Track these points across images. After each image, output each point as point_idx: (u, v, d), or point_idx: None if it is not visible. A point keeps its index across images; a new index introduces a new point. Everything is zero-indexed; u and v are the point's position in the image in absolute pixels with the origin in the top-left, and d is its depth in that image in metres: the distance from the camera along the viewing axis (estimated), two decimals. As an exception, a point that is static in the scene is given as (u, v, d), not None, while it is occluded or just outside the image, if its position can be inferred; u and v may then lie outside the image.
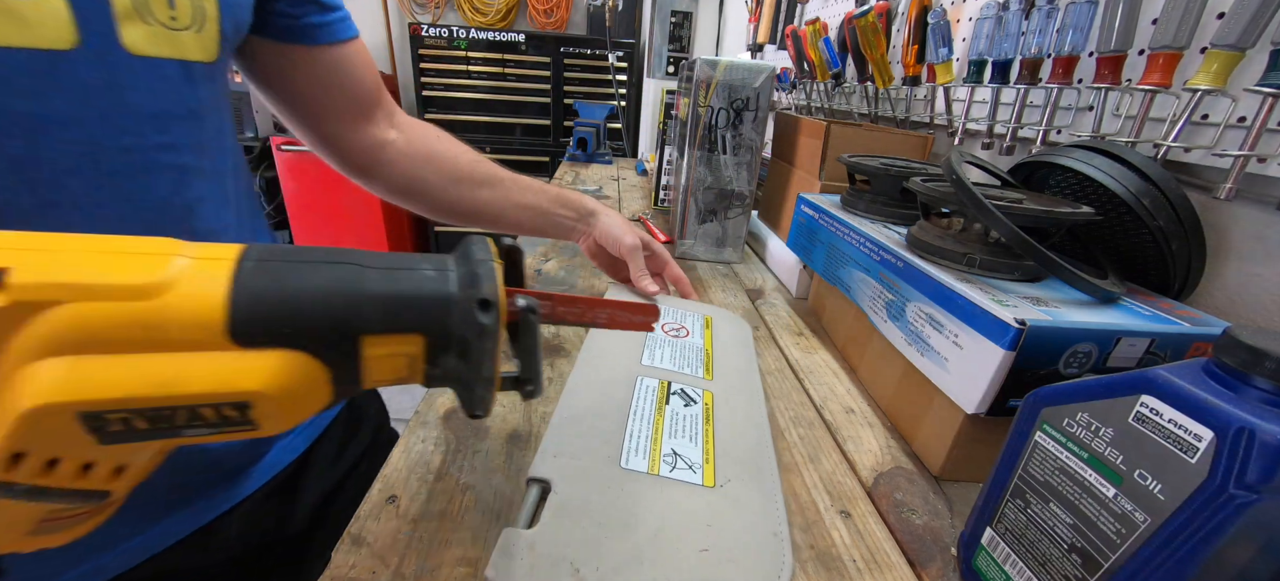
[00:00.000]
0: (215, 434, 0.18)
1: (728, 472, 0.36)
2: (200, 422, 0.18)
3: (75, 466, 0.17)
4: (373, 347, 0.20)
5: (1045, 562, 0.27)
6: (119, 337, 0.16)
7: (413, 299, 0.20)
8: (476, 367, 0.22)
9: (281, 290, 0.18)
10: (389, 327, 0.20)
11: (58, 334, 0.15)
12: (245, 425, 0.18)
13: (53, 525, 0.20)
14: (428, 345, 0.21)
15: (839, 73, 1.05)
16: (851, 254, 0.54)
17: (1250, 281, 0.45)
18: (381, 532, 0.31)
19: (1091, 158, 0.44)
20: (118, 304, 0.16)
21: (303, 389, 0.19)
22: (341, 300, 0.19)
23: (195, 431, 0.18)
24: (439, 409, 0.42)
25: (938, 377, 0.40)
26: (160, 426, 0.17)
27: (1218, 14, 0.44)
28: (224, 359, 0.17)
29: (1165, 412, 0.23)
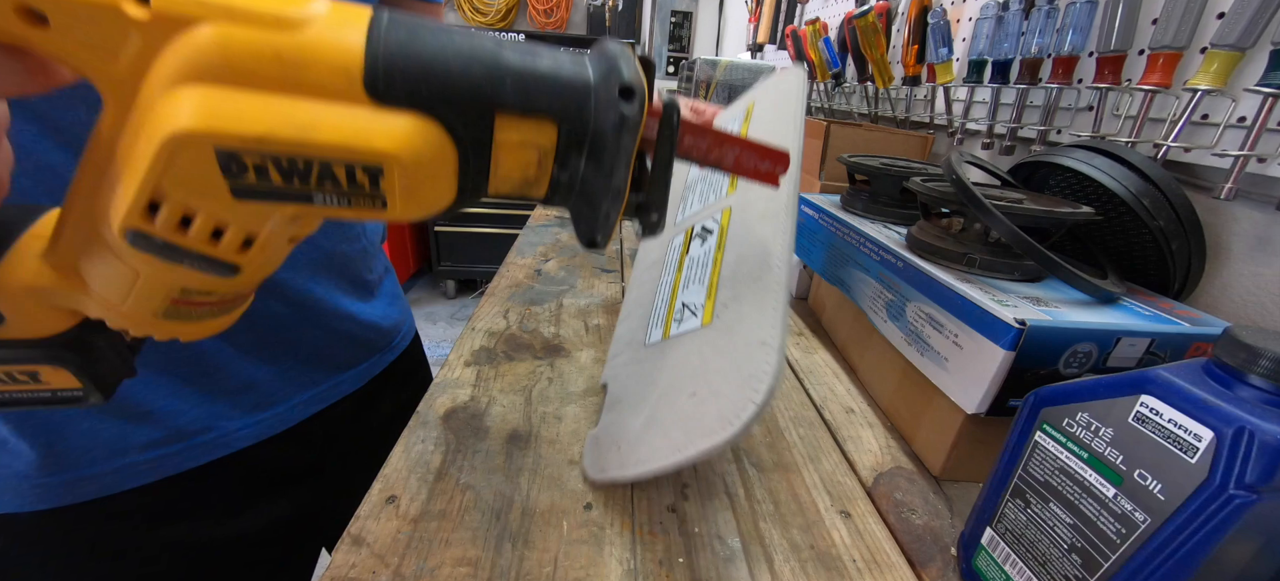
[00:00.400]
0: (345, 206, 0.18)
1: (726, 297, 0.34)
2: (332, 184, 0.17)
3: (207, 225, 0.17)
4: (505, 131, 0.19)
5: (1045, 562, 0.27)
6: (259, 71, 0.16)
7: (551, 79, 0.19)
8: (608, 173, 0.20)
9: (419, 48, 0.17)
10: (524, 107, 0.19)
11: (199, 58, 0.15)
12: (375, 199, 0.18)
13: (183, 310, 0.21)
14: (560, 138, 0.20)
15: (839, 73, 1.05)
16: (851, 254, 0.54)
17: (1250, 281, 0.45)
18: (381, 532, 0.31)
19: (1091, 158, 0.44)
20: (259, 32, 0.15)
21: (433, 165, 0.18)
22: (480, 67, 0.18)
23: (326, 198, 0.17)
24: (439, 409, 0.42)
25: (938, 378, 0.40)
26: (293, 184, 0.17)
27: (1218, 14, 0.44)
28: (359, 113, 0.17)
29: (1165, 412, 0.23)
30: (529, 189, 0.21)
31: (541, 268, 0.74)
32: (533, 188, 0.21)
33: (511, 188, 0.21)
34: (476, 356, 0.50)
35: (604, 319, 0.60)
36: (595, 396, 0.46)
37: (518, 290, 0.65)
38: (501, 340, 0.53)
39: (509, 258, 0.76)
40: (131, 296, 0.20)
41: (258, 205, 0.17)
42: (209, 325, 0.22)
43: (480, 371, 0.48)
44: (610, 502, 0.35)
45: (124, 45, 0.15)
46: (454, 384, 0.46)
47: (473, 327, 0.55)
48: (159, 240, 0.17)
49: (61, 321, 0.21)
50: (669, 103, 0.22)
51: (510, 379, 0.47)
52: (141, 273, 0.19)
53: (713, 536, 0.33)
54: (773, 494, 0.37)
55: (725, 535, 0.34)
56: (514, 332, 0.55)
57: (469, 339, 0.53)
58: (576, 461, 0.38)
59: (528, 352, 0.51)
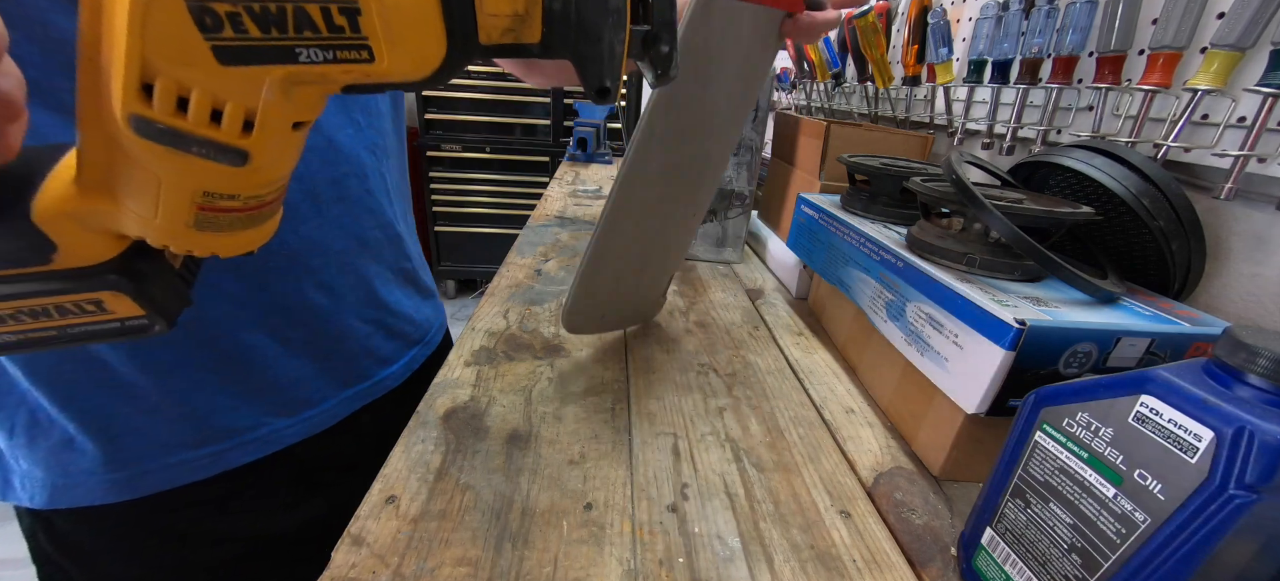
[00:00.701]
0: (332, 61, 0.17)
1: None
2: (312, 32, 0.16)
3: (203, 103, 0.17)
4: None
5: (1045, 562, 0.27)
6: None
7: None
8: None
9: None
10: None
11: None
12: (358, 47, 0.17)
13: (211, 218, 0.20)
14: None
15: (839, 73, 1.05)
16: (851, 254, 0.54)
17: (1250, 281, 0.45)
18: (381, 532, 0.31)
19: (1091, 158, 0.44)
20: None
21: (413, 5, 0.17)
22: None
23: (310, 52, 0.16)
24: (439, 409, 0.42)
25: (938, 377, 0.40)
26: (272, 35, 0.16)
27: (1218, 14, 0.44)
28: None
29: (1165, 412, 0.23)
30: (523, 28, 0.19)
31: (541, 267, 0.74)
32: (526, 25, 0.19)
33: (504, 28, 0.19)
34: (476, 356, 0.50)
35: (604, 319, 0.60)
36: (595, 396, 0.46)
37: (518, 290, 0.65)
38: (501, 340, 0.53)
39: (509, 257, 0.76)
40: (160, 206, 0.19)
41: (245, 70, 0.16)
42: (243, 237, 0.22)
43: (480, 371, 0.48)
44: (610, 502, 0.35)
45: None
46: (454, 384, 0.46)
47: (473, 328, 0.55)
48: (160, 125, 0.17)
49: (110, 247, 0.21)
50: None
51: (510, 379, 0.47)
52: (160, 178, 0.19)
53: (713, 536, 0.33)
54: (773, 494, 0.37)
55: (725, 535, 0.34)
56: (514, 332, 0.55)
57: (469, 339, 0.53)
58: (577, 461, 0.38)
59: (528, 352, 0.51)
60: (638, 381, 0.49)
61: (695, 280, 0.75)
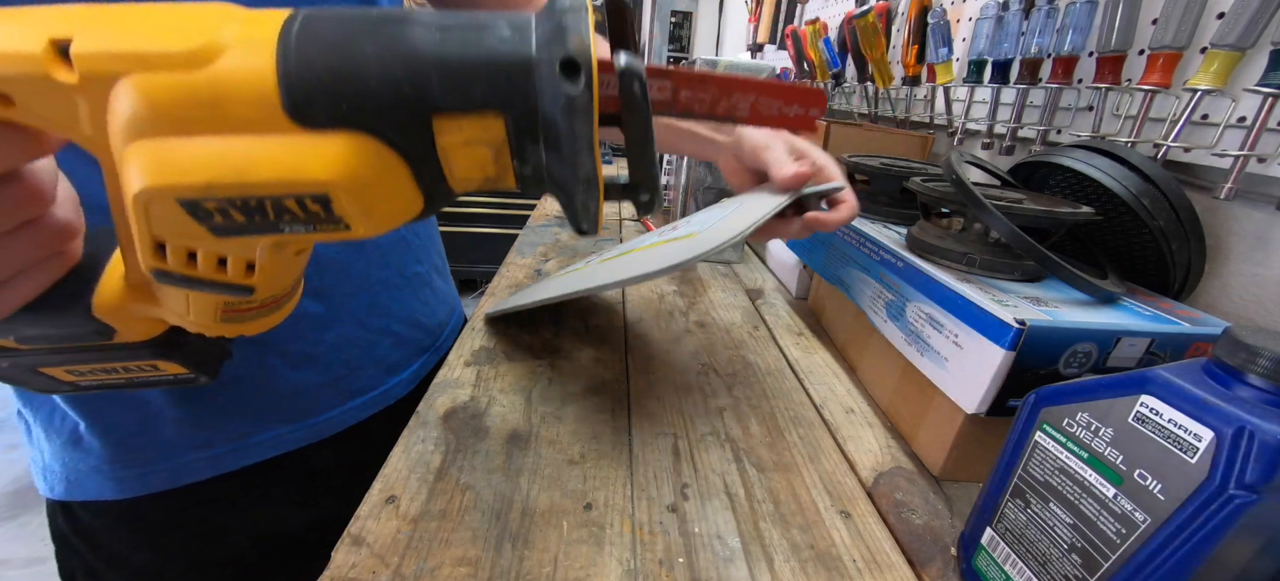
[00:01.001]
0: (313, 232, 0.18)
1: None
2: (290, 216, 0.17)
3: (209, 258, 0.19)
4: (445, 134, 0.17)
5: (1045, 562, 0.27)
6: (186, 116, 0.16)
7: (483, 64, 0.17)
8: (571, 161, 0.18)
9: (332, 59, 0.16)
10: (461, 104, 0.17)
11: (132, 114, 0.15)
12: (335, 223, 0.17)
13: (235, 316, 0.23)
14: (509, 129, 0.17)
15: (839, 73, 1.05)
16: (851, 254, 0.54)
17: (1250, 281, 0.45)
18: (381, 532, 0.31)
19: (1091, 158, 0.44)
20: (173, 75, 0.15)
21: (381, 182, 0.17)
22: (400, 66, 0.16)
23: (292, 227, 0.17)
24: (439, 409, 0.42)
25: (938, 377, 0.40)
26: (256, 220, 0.17)
27: (1218, 14, 0.44)
28: (290, 142, 0.16)
29: (1165, 412, 0.23)
30: (497, 183, 0.19)
31: (541, 267, 0.74)
32: (500, 182, 0.19)
33: (477, 185, 0.19)
34: (476, 356, 0.50)
35: (604, 319, 0.60)
36: (595, 396, 0.46)
37: (517, 290, 0.65)
38: (501, 340, 0.53)
39: (509, 257, 0.76)
40: (190, 311, 0.23)
41: (240, 239, 0.18)
42: (266, 321, 0.25)
43: (480, 371, 0.48)
44: (610, 502, 0.35)
45: (77, 109, 0.16)
46: (454, 384, 0.46)
47: (473, 327, 0.55)
48: (176, 274, 0.19)
49: (157, 328, 0.24)
50: (624, 70, 0.18)
51: (510, 379, 0.47)
52: (187, 295, 0.22)
53: (713, 536, 0.33)
54: (773, 494, 0.37)
55: (725, 535, 0.34)
56: (514, 333, 0.55)
57: (469, 339, 0.53)
58: (577, 461, 0.38)
59: (528, 353, 0.51)
60: (638, 381, 0.49)
61: (695, 280, 0.75)
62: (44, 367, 0.24)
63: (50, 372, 0.25)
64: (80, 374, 0.25)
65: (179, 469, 0.40)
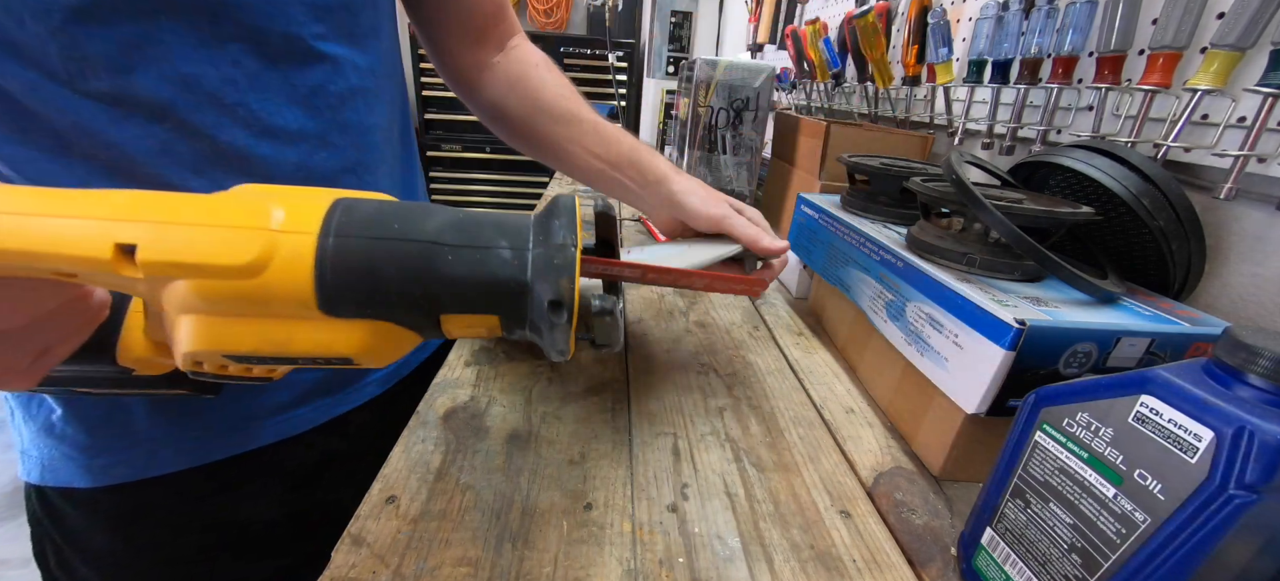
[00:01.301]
0: (324, 367, 0.23)
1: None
2: (314, 364, 0.22)
3: (240, 370, 0.23)
4: (451, 324, 0.22)
5: (1045, 562, 0.27)
6: (235, 308, 0.19)
7: (487, 285, 0.21)
8: (551, 341, 0.23)
9: (360, 268, 0.20)
10: (464, 309, 0.21)
11: (188, 301, 0.19)
12: (352, 368, 0.23)
13: (247, 371, 0.26)
14: (503, 322, 0.23)
15: (839, 73, 1.05)
16: (851, 254, 0.54)
17: (1250, 281, 0.45)
18: (381, 532, 0.31)
19: (1091, 158, 0.44)
20: (226, 283, 0.19)
21: (392, 348, 0.22)
22: (419, 286, 0.20)
23: (315, 371, 0.23)
24: (439, 409, 0.42)
25: (938, 377, 0.40)
26: (286, 365, 0.22)
27: (1218, 14, 0.44)
28: (323, 328, 0.20)
29: (1165, 412, 0.23)
30: (485, 338, 0.25)
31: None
32: (488, 338, 0.25)
33: (469, 338, 0.25)
34: (476, 356, 0.50)
35: (604, 319, 0.60)
36: (595, 396, 0.46)
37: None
38: (501, 340, 0.53)
39: (509, 257, 0.76)
40: (205, 368, 0.25)
41: (268, 367, 0.23)
42: (274, 372, 0.27)
43: (480, 371, 0.48)
44: (610, 502, 0.35)
45: (136, 285, 0.19)
46: (454, 384, 0.46)
47: (473, 327, 0.55)
48: (210, 375, 0.22)
49: (170, 367, 0.27)
50: (603, 309, 0.25)
51: (510, 379, 0.47)
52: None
53: (713, 536, 0.33)
54: (773, 494, 0.37)
55: (725, 535, 0.34)
56: (514, 332, 0.55)
57: (469, 339, 0.53)
58: (577, 461, 0.38)
59: (528, 353, 0.51)
60: (638, 381, 0.49)
61: (695, 280, 0.75)
62: (76, 390, 0.28)
63: (82, 391, 0.28)
64: (94, 389, 0.28)
65: (149, 460, 0.40)
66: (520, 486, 0.36)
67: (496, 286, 0.21)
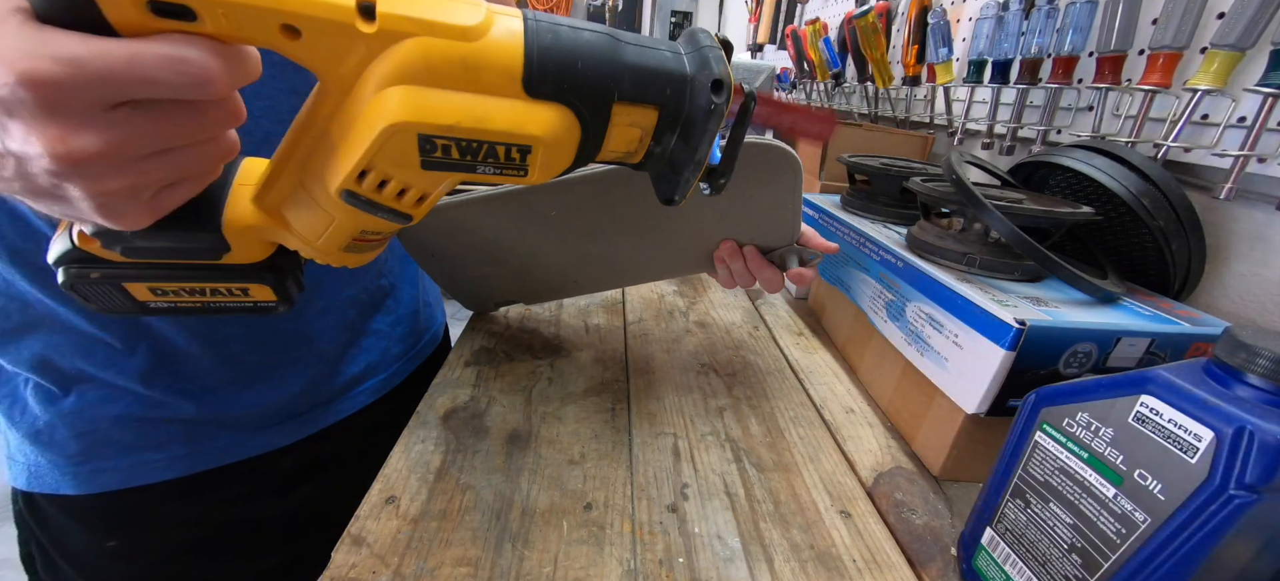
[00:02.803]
0: (497, 174, 0.23)
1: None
2: (493, 159, 0.22)
3: (397, 188, 0.22)
4: (619, 116, 0.23)
5: (1045, 562, 0.27)
6: (449, 74, 0.20)
7: (659, 72, 0.23)
8: (694, 149, 0.24)
9: (561, 51, 0.21)
10: (637, 97, 0.23)
11: (407, 64, 0.19)
12: (521, 169, 0.23)
13: (358, 245, 0.27)
14: (660, 120, 0.24)
15: (839, 73, 1.05)
16: (851, 254, 0.54)
17: (1250, 281, 0.45)
18: (381, 532, 0.31)
19: (1091, 158, 0.44)
20: (451, 43, 0.19)
21: (566, 143, 0.22)
22: (605, 65, 0.22)
23: (485, 168, 0.22)
24: (439, 409, 0.42)
25: (938, 377, 0.40)
26: (465, 159, 0.22)
27: (1218, 14, 0.44)
28: (518, 106, 0.21)
29: (1165, 412, 0.23)
30: (628, 157, 0.25)
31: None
32: (631, 157, 0.25)
33: (614, 157, 0.25)
34: (476, 356, 0.50)
35: (604, 319, 0.60)
36: (595, 396, 0.46)
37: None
38: (501, 340, 0.53)
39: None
40: (325, 236, 0.25)
41: (437, 174, 0.22)
42: (369, 256, 0.28)
43: (480, 371, 0.48)
44: (610, 502, 0.35)
45: (350, 53, 0.19)
46: (454, 384, 0.46)
47: (473, 327, 0.55)
48: (363, 198, 0.22)
49: (265, 251, 0.26)
50: (750, 92, 0.26)
51: (510, 379, 0.47)
52: (337, 218, 0.24)
53: (713, 536, 0.33)
54: (773, 494, 0.37)
55: (725, 535, 0.34)
56: (514, 333, 0.55)
57: (469, 339, 0.53)
58: (577, 461, 0.38)
59: (528, 353, 0.51)
60: (638, 381, 0.49)
61: (695, 280, 0.75)
62: (130, 282, 0.25)
63: (132, 289, 0.25)
64: (163, 292, 0.26)
65: (136, 468, 0.40)
66: (520, 486, 0.36)
67: (664, 75, 0.23)
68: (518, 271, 0.50)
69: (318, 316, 0.45)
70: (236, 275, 0.26)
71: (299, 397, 0.45)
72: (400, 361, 0.54)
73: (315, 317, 0.45)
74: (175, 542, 0.44)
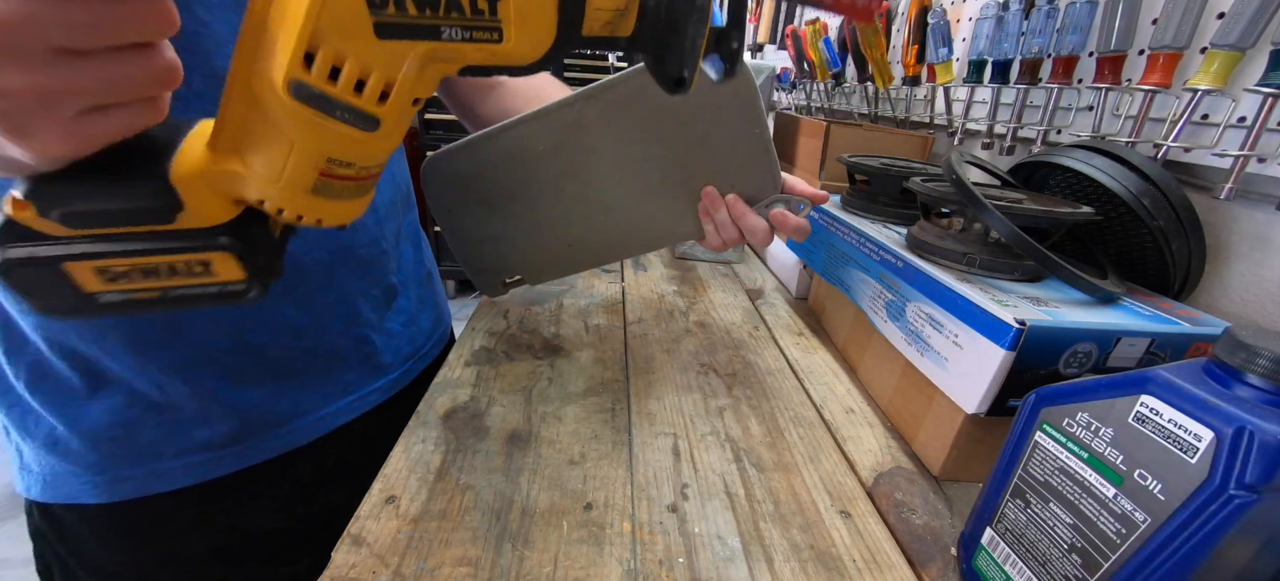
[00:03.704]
0: (468, 40, 0.20)
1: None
2: (458, 13, 0.19)
3: (353, 73, 0.19)
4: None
5: (1045, 562, 0.27)
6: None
7: None
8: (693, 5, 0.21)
9: None
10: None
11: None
12: (492, 30, 0.20)
13: (327, 185, 0.23)
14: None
15: (839, 73, 1.05)
16: (851, 254, 0.54)
17: (1250, 281, 0.45)
18: (381, 532, 0.31)
19: (1091, 158, 0.44)
20: None
21: (537, 13, 0.20)
22: None
23: (452, 31, 0.19)
24: (439, 409, 0.42)
25: (938, 377, 0.40)
26: (425, 14, 0.19)
27: (1218, 14, 0.44)
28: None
29: (1165, 412, 0.23)
30: (619, 22, 0.22)
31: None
32: (623, 20, 0.22)
33: (604, 22, 0.22)
34: (476, 356, 0.50)
35: (604, 318, 0.60)
36: (595, 396, 0.46)
37: (518, 290, 0.65)
38: (501, 340, 0.53)
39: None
40: (287, 169, 0.21)
41: (396, 44, 0.19)
42: (346, 207, 0.25)
43: (480, 371, 0.48)
44: (610, 502, 0.35)
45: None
46: (454, 384, 0.46)
47: (473, 328, 0.55)
48: (315, 89, 0.19)
49: (226, 211, 0.23)
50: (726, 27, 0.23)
51: (510, 379, 0.47)
52: (295, 140, 0.21)
53: (713, 536, 0.33)
54: (773, 494, 0.37)
55: (725, 535, 0.34)
56: (514, 332, 0.55)
57: (469, 339, 0.53)
58: (577, 461, 0.38)
59: (528, 353, 0.51)
60: (638, 381, 0.49)
61: (695, 280, 0.75)
62: (73, 263, 0.21)
63: (77, 274, 0.21)
64: (114, 276, 0.22)
65: (155, 475, 0.40)
66: (520, 486, 0.36)
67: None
68: (526, 229, 0.51)
69: (328, 311, 0.45)
70: (196, 242, 0.22)
71: (315, 396, 0.45)
72: (411, 361, 0.54)
73: (325, 312, 0.45)
74: (197, 550, 0.44)
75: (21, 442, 0.40)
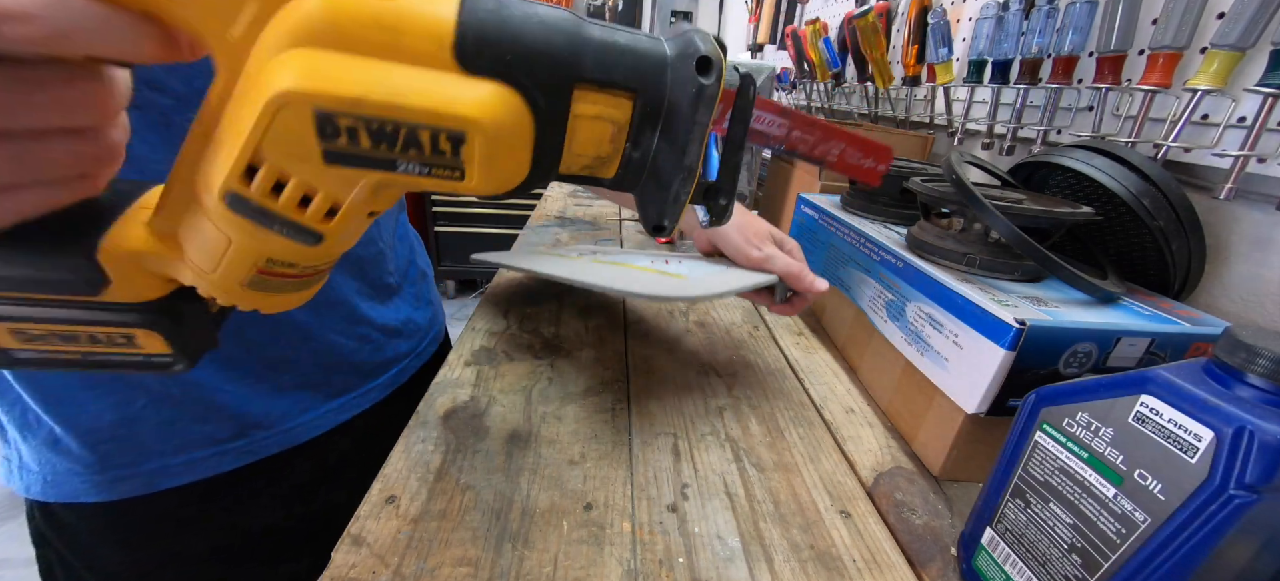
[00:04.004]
0: (426, 175, 0.18)
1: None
2: (417, 151, 0.18)
3: (297, 192, 0.18)
4: (582, 104, 0.19)
5: (1045, 562, 0.27)
6: (360, 36, 0.16)
7: (630, 51, 0.19)
8: (681, 149, 0.20)
9: (506, 17, 0.18)
10: (603, 80, 0.19)
11: (307, 22, 0.16)
12: (454, 169, 0.18)
13: (265, 280, 0.21)
14: (635, 112, 0.20)
15: (839, 73, 1.05)
16: (851, 254, 0.54)
17: (1250, 281, 0.45)
18: (381, 532, 0.31)
19: (1091, 158, 0.44)
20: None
21: (511, 135, 0.18)
22: (562, 39, 0.18)
23: (409, 165, 0.18)
24: (439, 409, 0.42)
25: (938, 377, 0.40)
26: (380, 149, 0.17)
27: (1218, 14, 0.44)
28: (447, 79, 0.17)
29: (1165, 412, 0.23)
30: (600, 167, 0.21)
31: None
32: (604, 166, 0.21)
33: (583, 165, 0.21)
34: (476, 356, 0.50)
35: (604, 319, 0.60)
36: (595, 396, 0.46)
37: (518, 290, 0.65)
38: (501, 340, 0.53)
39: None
40: (222, 264, 0.20)
41: (346, 171, 0.18)
42: (288, 299, 0.23)
43: (480, 371, 0.48)
44: (610, 502, 0.35)
45: (242, 10, 0.16)
46: (454, 384, 0.46)
47: (473, 327, 0.55)
48: (253, 204, 0.18)
49: (157, 288, 0.21)
50: (745, 75, 0.22)
51: (510, 379, 0.47)
52: (233, 240, 0.19)
53: (713, 536, 0.33)
54: (773, 494, 0.37)
55: (725, 535, 0.34)
56: (514, 332, 0.55)
57: (469, 339, 0.53)
58: (577, 461, 0.38)
59: (528, 353, 0.51)
60: (638, 381, 0.49)
61: (695, 280, 0.75)
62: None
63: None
64: (31, 338, 0.21)
65: (157, 474, 0.40)
66: (520, 486, 0.36)
67: (638, 53, 0.19)
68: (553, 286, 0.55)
69: (327, 310, 0.45)
70: (119, 317, 0.21)
71: (314, 394, 0.46)
72: (408, 358, 0.54)
73: (325, 311, 0.45)
74: (197, 550, 0.44)
75: (21, 442, 0.40)
